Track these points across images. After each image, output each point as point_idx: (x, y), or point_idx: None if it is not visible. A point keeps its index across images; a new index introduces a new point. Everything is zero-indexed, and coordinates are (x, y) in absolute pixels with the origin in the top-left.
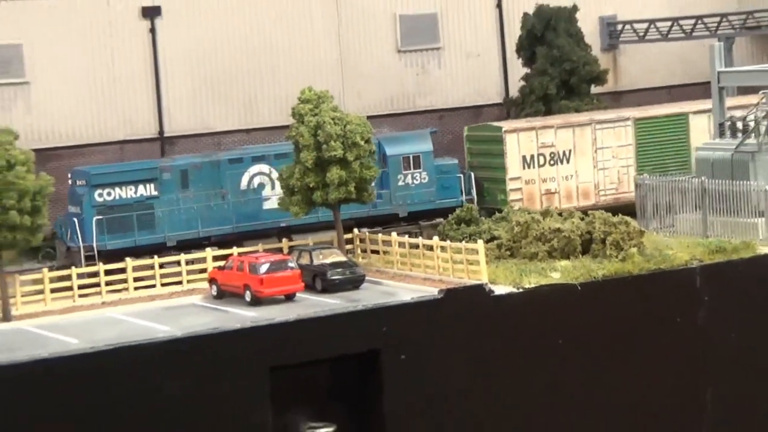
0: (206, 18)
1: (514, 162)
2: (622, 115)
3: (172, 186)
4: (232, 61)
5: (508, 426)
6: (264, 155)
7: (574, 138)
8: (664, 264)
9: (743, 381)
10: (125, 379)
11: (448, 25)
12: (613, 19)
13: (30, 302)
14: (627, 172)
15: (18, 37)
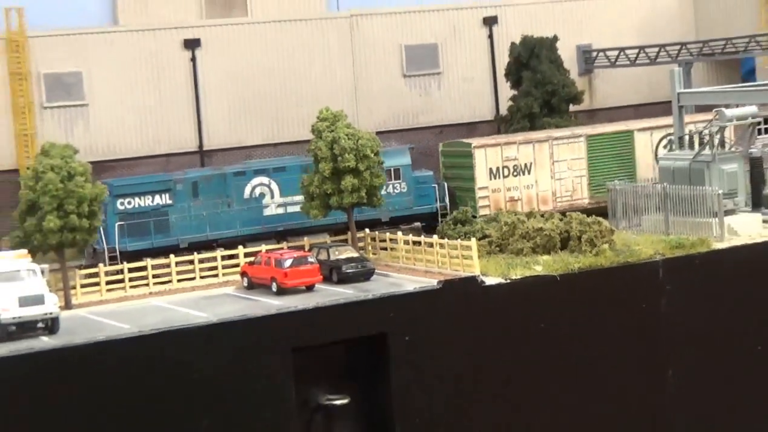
0: (239, 49)
1: (482, 173)
2: (575, 133)
3: (185, 196)
4: (261, 85)
5: (496, 397)
6: (264, 169)
7: (534, 153)
8: (632, 258)
9: (700, 360)
10: (168, 358)
11: (446, 53)
12: (588, 48)
13: (88, 293)
14: (580, 182)
15: (78, 66)
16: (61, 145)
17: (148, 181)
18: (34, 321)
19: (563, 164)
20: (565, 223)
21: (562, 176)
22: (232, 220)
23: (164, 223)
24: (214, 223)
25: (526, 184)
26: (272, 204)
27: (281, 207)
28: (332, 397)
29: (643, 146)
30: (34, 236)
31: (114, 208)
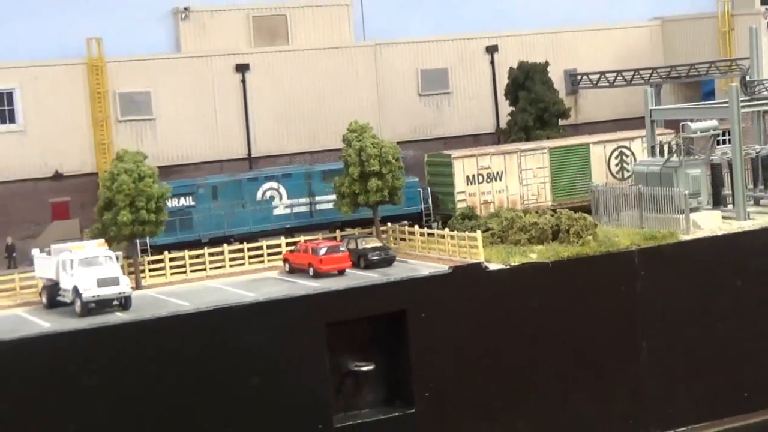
0: (282, 72)
1: (460, 180)
2: (540, 145)
3: (206, 198)
4: (300, 102)
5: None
6: (274, 175)
7: (505, 162)
8: (612, 248)
9: (669, 334)
10: (222, 330)
11: (455, 76)
12: (574, 71)
13: (155, 276)
14: (544, 187)
15: (147, 87)
16: (133, 152)
17: (175, 185)
18: (110, 299)
19: (530, 172)
20: (555, 218)
21: (528, 182)
22: (245, 219)
23: (188, 222)
24: (230, 221)
25: (498, 189)
26: (281, 205)
27: (288, 207)
28: (360, 364)
29: (598, 157)
30: (110, 228)
31: None
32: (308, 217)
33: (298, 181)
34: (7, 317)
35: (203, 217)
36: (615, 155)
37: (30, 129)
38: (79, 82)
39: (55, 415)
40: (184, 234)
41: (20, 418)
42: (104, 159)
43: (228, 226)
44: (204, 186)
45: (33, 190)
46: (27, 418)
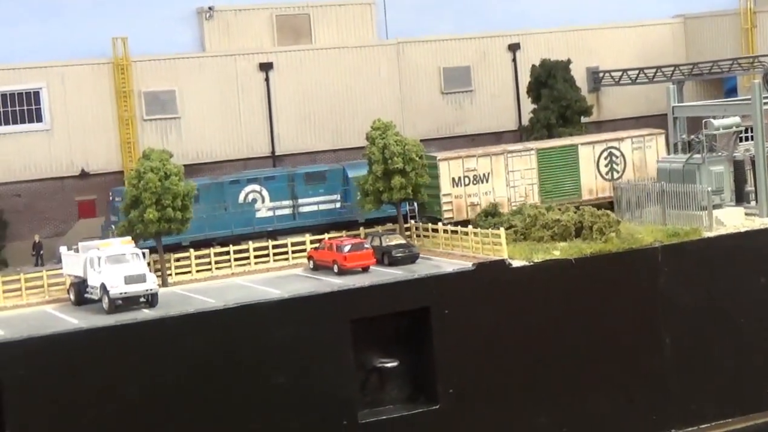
0: (305, 71)
1: (446, 182)
2: (527, 147)
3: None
4: (323, 101)
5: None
6: (256, 178)
7: (492, 164)
8: (635, 244)
9: (692, 330)
10: (248, 327)
11: (477, 74)
12: (597, 69)
13: (180, 273)
14: (532, 189)
15: (172, 85)
16: (159, 150)
17: None
18: (137, 296)
19: (517, 174)
20: (578, 215)
21: (516, 184)
22: (227, 222)
23: None
24: (212, 224)
25: (484, 191)
26: (263, 208)
27: (271, 210)
28: (384, 361)
29: (586, 158)
30: (136, 226)
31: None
32: (291, 220)
33: (281, 183)
34: (36, 314)
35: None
36: (604, 156)
37: (56, 128)
38: (104, 82)
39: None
40: (166, 237)
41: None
42: (129, 157)
43: (209, 229)
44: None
45: (59, 188)
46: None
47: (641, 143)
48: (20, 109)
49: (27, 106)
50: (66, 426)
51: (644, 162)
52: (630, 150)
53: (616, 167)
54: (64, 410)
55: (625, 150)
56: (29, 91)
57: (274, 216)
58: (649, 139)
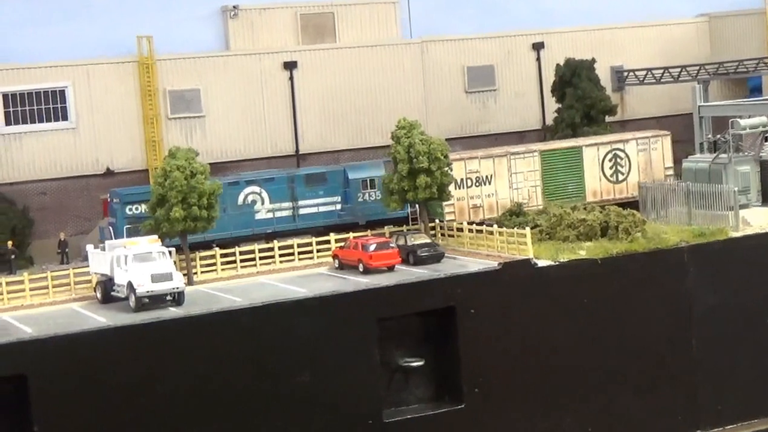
0: (329, 70)
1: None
2: (530, 148)
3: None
4: (347, 100)
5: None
6: (255, 179)
7: (494, 166)
8: (661, 244)
9: (719, 330)
10: (273, 325)
11: (501, 73)
12: (621, 68)
13: (206, 271)
14: (535, 191)
15: (197, 84)
16: (185, 149)
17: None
18: (164, 294)
19: (520, 176)
20: (604, 215)
21: (519, 186)
22: (226, 224)
23: None
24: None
25: (487, 193)
26: (262, 209)
27: (270, 212)
28: (409, 360)
29: (591, 160)
30: (163, 224)
31: (123, 214)
32: (291, 222)
33: (281, 185)
34: (63, 312)
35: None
36: (609, 158)
37: (82, 126)
38: (129, 80)
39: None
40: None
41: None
42: (154, 156)
43: (208, 231)
44: None
45: (84, 186)
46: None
47: (647, 145)
48: (46, 107)
49: (53, 105)
50: (92, 423)
51: (649, 164)
52: (635, 152)
53: (621, 169)
54: (91, 408)
55: (630, 152)
56: (55, 89)
57: (273, 218)
58: (655, 141)
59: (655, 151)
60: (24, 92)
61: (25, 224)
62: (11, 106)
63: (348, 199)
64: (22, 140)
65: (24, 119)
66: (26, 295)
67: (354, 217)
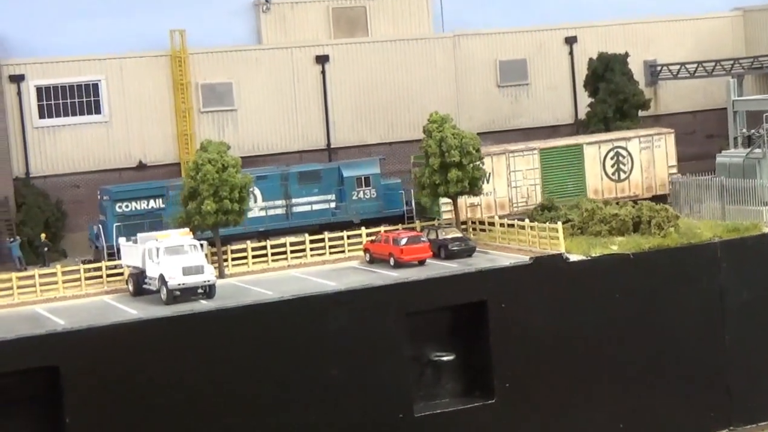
0: (361, 64)
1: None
2: (530, 146)
3: (177, 200)
4: (379, 94)
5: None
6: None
7: (492, 164)
8: (694, 239)
9: (752, 326)
10: (304, 319)
11: (534, 67)
12: (654, 63)
13: (237, 265)
14: (534, 189)
15: (229, 78)
16: (217, 142)
17: (144, 187)
18: (195, 287)
19: (519, 174)
20: (636, 210)
21: (517, 184)
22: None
23: (158, 224)
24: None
25: (485, 191)
26: (255, 207)
27: (263, 210)
28: (440, 354)
29: (592, 158)
30: (194, 217)
31: (113, 211)
32: (284, 220)
33: (274, 183)
34: (95, 304)
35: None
36: (611, 156)
37: (115, 120)
38: (162, 74)
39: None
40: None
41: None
42: (186, 149)
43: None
44: (175, 188)
45: (117, 179)
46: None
47: (650, 143)
48: (79, 101)
49: (86, 98)
50: (123, 415)
51: (652, 162)
52: (638, 150)
53: (623, 167)
54: (121, 399)
55: (632, 150)
56: (88, 83)
57: (266, 216)
58: (658, 139)
59: (659, 149)
60: (58, 86)
61: (58, 217)
62: (45, 99)
63: (342, 198)
64: (56, 133)
65: (58, 113)
66: (59, 287)
67: (348, 216)
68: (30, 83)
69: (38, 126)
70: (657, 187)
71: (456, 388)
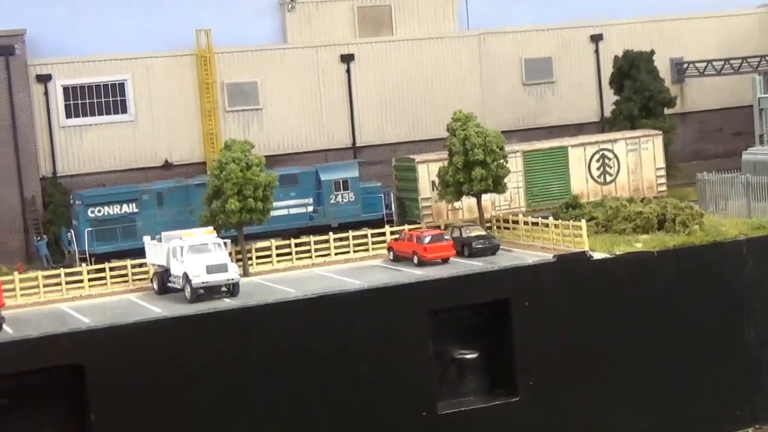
0: (386, 62)
1: (425, 186)
2: (513, 149)
3: (151, 204)
4: (404, 92)
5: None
6: None
7: None
8: (719, 237)
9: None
10: (327, 317)
11: (559, 65)
12: (680, 60)
13: (261, 263)
14: (517, 192)
15: (254, 77)
16: (241, 141)
17: (117, 192)
18: (219, 285)
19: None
20: (661, 207)
21: None
22: (193, 226)
23: (131, 229)
24: (176, 228)
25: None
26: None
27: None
28: (464, 352)
29: (577, 160)
30: (218, 216)
31: (85, 216)
32: (260, 224)
33: None
34: (120, 302)
35: (147, 224)
36: (596, 158)
37: (141, 119)
38: (188, 73)
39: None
40: (127, 242)
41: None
42: (212, 148)
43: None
44: (148, 192)
45: (143, 178)
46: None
47: (636, 145)
48: (106, 100)
49: (112, 98)
50: (148, 413)
51: (640, 165)
52: (624, 152)
53: (609, 170)
54: (147, 397)
55: (618, 152)
56: (114, 82)
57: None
58: (645, 141)
59: (646, 151)
60: (84, 85)
61: None
62: (72, 99)
63: (320, 202)
64: (83, 133)
65: (84, 112)
66: (85, 286)
67: (326, 220)
68: (57, 83)
69: (65, 125)
70: (644, 189)
71: (479, 386)
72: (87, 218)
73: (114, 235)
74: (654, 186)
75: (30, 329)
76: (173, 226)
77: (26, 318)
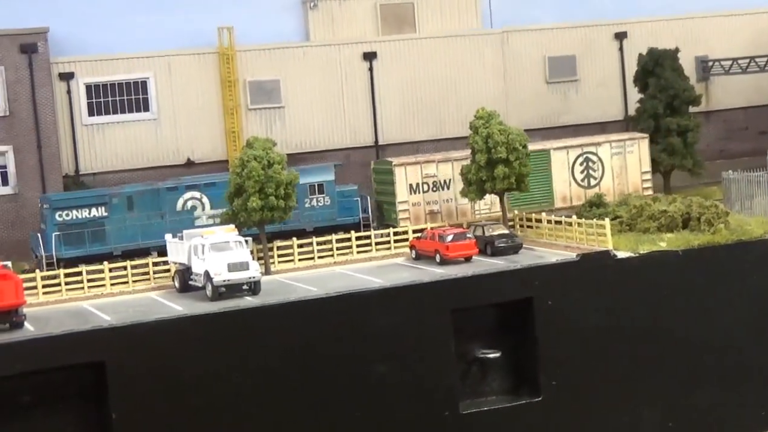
0: (409, 60)
1: (403, 189)
2: None
3: (120, 208)
4: (426, 90)
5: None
6: (196, 184)
7: (453, 170)
8: (744, 236)
9: None
10: (349, 315)
11: (583, 63)
12: (705, 58)
13: (283, 262)
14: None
15: (277, 75)
16: (263, 139)
17: (86, 195)
18: (240, 283)
19: None
20: (686, 206)
21: None
22: (164, 230)
23: (100, 233)
24: (147, 232)
25: (445, 198)
26: (203, 215)
27: (211, 218)
28: (486, 351)
29: (560, 164)
30: (240, 214)
31: (53, 220)
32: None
33: (222, 190)
34: (141, 300)
35: (117, 228)
36: (580, 161)
37: (163, 117)
38: (210, 71)
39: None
40: (96, 247)
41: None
42: (234, 146)
43: (144, 237)
44: (118, 195)
45: (166, 176)
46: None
47: (621, 148)
48: (128, 98)
49: (135, 96)
50: (168, 411)
51: (625, 168)
52: (609, 155)
53: (593, 173)
54: (167, 395)
55: (603, 155)
56: (137, 80)
57: (214, 224)
58: (631, 144)
59: (631, 154)
60: (107, 83)
61: None
62: (94, 97)
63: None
64: (105, 131)
65: (107, 110)
66: (106, 284)
67: (300, 224)
68: (79, 81)
69: (87, 123)
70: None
71: (502, 385)
72: (55, 222)
73: (82, 239)
74: (639, 190)
75: (51, 327)
76: (144, 230)
77: (48, 316)
